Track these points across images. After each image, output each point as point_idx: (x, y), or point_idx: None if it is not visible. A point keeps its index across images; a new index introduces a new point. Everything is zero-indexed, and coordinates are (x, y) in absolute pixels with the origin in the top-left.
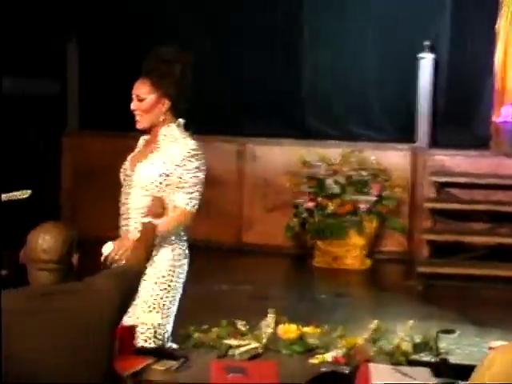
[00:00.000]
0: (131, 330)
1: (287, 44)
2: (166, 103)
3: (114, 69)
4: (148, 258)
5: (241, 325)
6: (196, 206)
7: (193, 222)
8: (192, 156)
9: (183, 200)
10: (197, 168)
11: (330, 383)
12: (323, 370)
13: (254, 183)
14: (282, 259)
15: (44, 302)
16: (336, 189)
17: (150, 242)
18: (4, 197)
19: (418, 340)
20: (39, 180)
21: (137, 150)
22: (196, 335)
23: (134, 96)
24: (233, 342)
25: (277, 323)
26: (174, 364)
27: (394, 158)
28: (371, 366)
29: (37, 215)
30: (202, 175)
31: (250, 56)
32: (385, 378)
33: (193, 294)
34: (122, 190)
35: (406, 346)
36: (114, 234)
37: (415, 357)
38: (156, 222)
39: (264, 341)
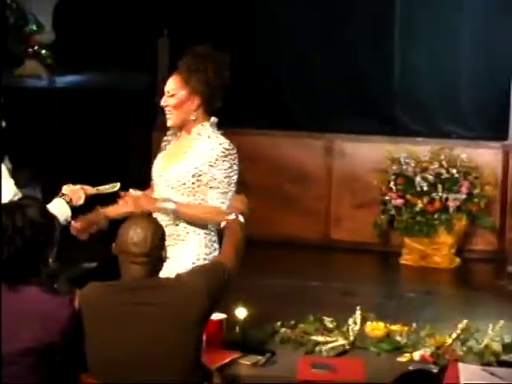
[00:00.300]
0: (219, 324)
1: (378, 41)
2: (197, 100)
3: None
4: (239, 255)
5: (328, 321)
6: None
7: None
8: (225, 156)
9: (217, 200)
10: (230, 168)
11: (417, 382)
12: (411, 368)
13: (341, 180)
14: (370, 256)
15: (135, 295)
16: (425, 186)
17: (239, 239)
18: (95, 190)
19: (507, 340)
20: (130, 174)
21: (168, 148)
22: (282, 331)
23: (165, 92)
24: (320, 338)
25: (364, 320)
26: (260, 359)
27: (484, 155)
28: (460, 365)
29: None
30: (234, 175)
31: (340, 54)
32: (474, 378)
33: (281, 290)
34: (155, 189)
35: (496, 347)
36: None
37: (505, 357)
38: (242, 219)
39: (351, 338)
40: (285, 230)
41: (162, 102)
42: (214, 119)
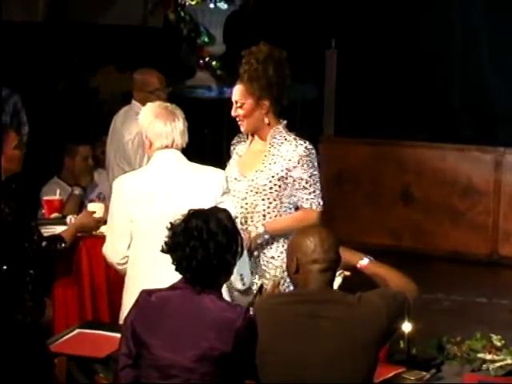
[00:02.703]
0: None
1: None
2: (265, 105)
3: (370, 76)
4: (412, 286)
5: (496, 339)
6: (321, 204)
7: (320, 221)
8: (308, 155)
9: (307, 201)
10: (313, 167)
11: None
12: None
13: (511, 194)
14: None
15: (314, 308)
16: None
17: (400, 274)
18: None
19: None
20: None
21: (241, 154)
22: (448, 346)
23: (233, 102)
24: (487, 356)
25: None
26: (425, 374)
27: None
28: None
29: None
30: (318, 174)
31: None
32: None
33: (446, 305)
34: (233, 197)
35: None
36: (370, 239)
37: None
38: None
39: None
40: (450, 244)
41: (233, 113)
42: (285, 122)
